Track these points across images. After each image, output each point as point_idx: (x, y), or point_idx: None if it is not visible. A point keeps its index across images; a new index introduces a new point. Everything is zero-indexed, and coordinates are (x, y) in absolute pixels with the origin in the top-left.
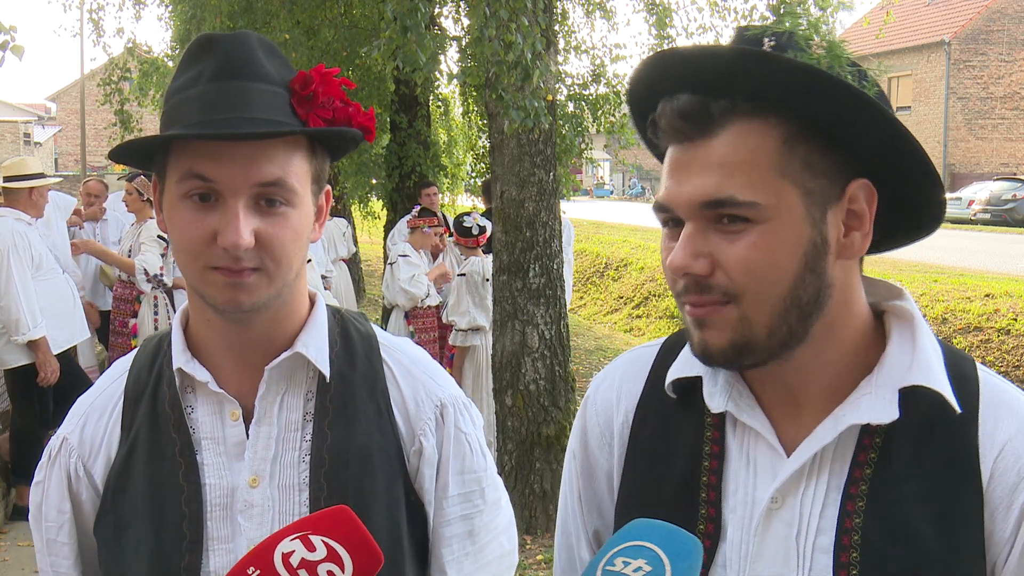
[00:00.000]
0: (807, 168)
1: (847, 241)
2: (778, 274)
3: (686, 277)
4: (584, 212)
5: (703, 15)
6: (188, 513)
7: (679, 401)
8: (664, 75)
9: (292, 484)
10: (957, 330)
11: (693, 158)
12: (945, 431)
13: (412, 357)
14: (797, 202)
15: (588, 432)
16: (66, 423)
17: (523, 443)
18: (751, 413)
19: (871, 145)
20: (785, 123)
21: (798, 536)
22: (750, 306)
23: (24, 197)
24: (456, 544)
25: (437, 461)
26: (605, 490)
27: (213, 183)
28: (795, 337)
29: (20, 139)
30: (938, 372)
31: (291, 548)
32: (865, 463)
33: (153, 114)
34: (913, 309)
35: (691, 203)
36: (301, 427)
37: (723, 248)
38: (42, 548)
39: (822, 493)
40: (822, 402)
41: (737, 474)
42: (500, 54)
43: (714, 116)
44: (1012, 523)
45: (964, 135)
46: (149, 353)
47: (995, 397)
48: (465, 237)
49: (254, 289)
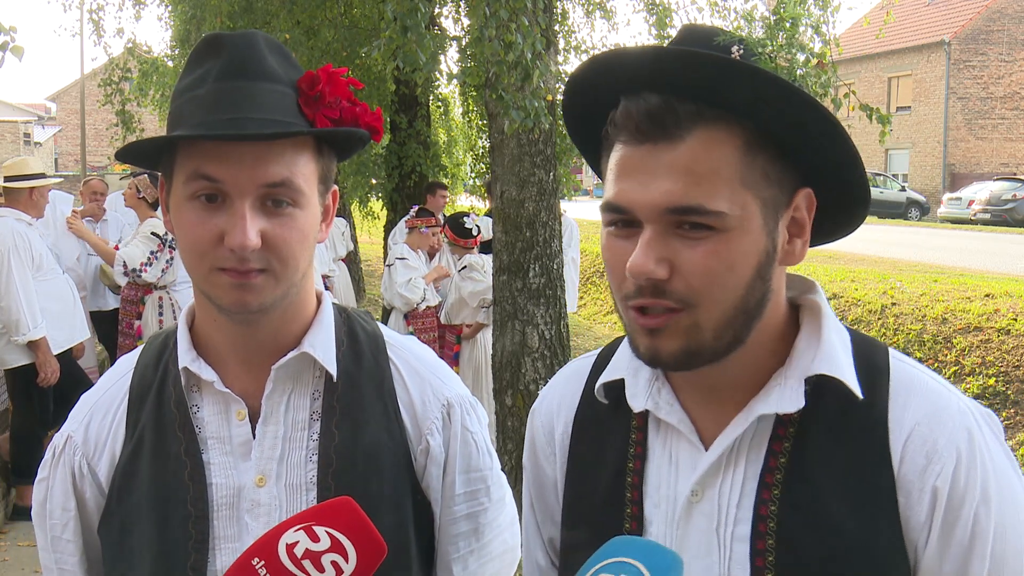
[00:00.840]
0: (765, 178)
1: (790, 248)
2: (734, 281)
3: (644, 281)
4: (584, 212)
5: (703, 15)
6: (194, 512)
7: (610, 406)
8: (629, 73)
9: (299, 483)
10: (957, 330)
11: (658, 161)
12: (856, 418)
13: (418, 356)
14: (756, 212)
15: (536, 444)
16: (70, 421)
17: (523, 443)
18: (669, 410)
19: (820, 156)
20: (744, 131)
21: (718, 527)
22: (703, 313)
23: (24, 197)
24: (462, 541)
25: (444, 460)
26: (554, 499)
27: (220, 183)
28: (738, 341)
29: (20, 139)
30: (841, 360)
31: (295, 539)
32: (780, 452)
33: (153, 114)
34: (821, 301)
35: (656, 207)
36: (308, 426)
37: (682, 253)
38: (46, 545)
39: (739, 484)
40: (739, 396)
41: (660, 470)
42: (500, 54)
43: (680, 119)
44: (926, 505)
45: (964, 135)
46: (154, 351)
47: (905, 383)
48: (465, 237)
49: (261, 290)
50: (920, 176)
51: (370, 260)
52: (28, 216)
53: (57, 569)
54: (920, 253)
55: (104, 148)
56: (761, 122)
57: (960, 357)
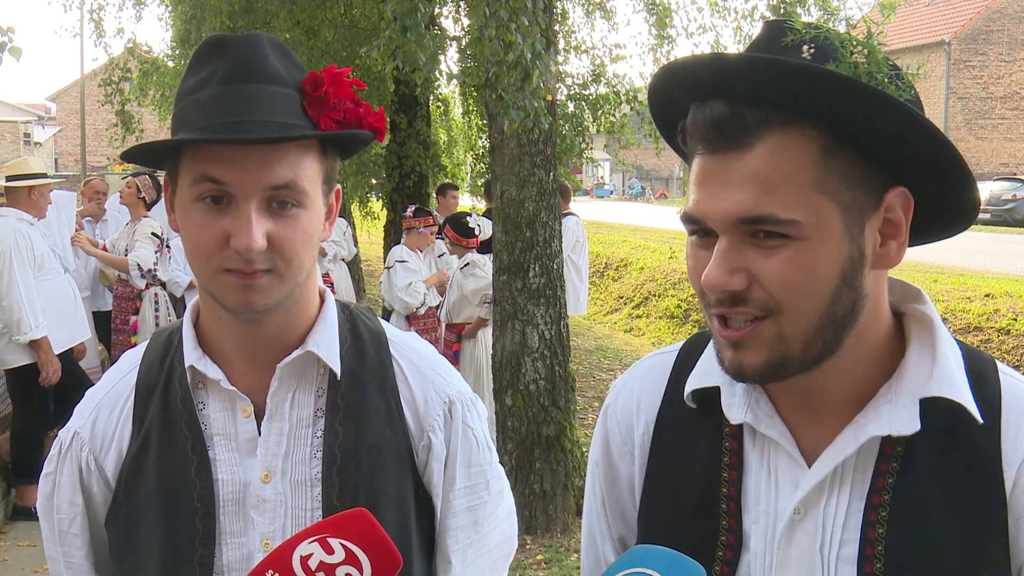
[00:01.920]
0: (844, 181)
1: (883, 251)
2: (816, 289)
3: (721, 294)
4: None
5: (703, 15)
6: (200, 508)
7: (698, 411)
8: (697, 80)
9: (304, 480)
10: (957, 330)
11: (728, 171)
12: (967, 440)
13: (420, 353)
14: (836, 218)
15: (610, 442)
16: (76, 417)
17: (523, 443)
18: (770, 423)
19: (908, 154)
20: (821, 135)
21: (822, 547)
22: (787, 322)
23: (24, 197)
24: (461, 534)
25: (445, 456)
26: (628, 498)
27: (225, 186)
28: (829, 351)
29: (20, 139)
30: (960, 383)
31: (309, 551)
32: (887, 473)
33: (153, 114)
34: (933, 314)
35: (728, 218)
36: (312, 423)
37: (759, 263)
38: (53, 538)
39: (844, 504)
40: (842, 410)
41: (758, 485)
42: (500, 54)
43: (749, 126)
44: None
45: (964, 135)
46: (159, 348)
47: (1018, 402)
48: (469, 237)
49: (266, 291)
50: None
51: (370, 260)
52: (29, 216)
53: (64, 562)
54: (920, 253)
55: (104, 148)
56: (835, 124)
57: None
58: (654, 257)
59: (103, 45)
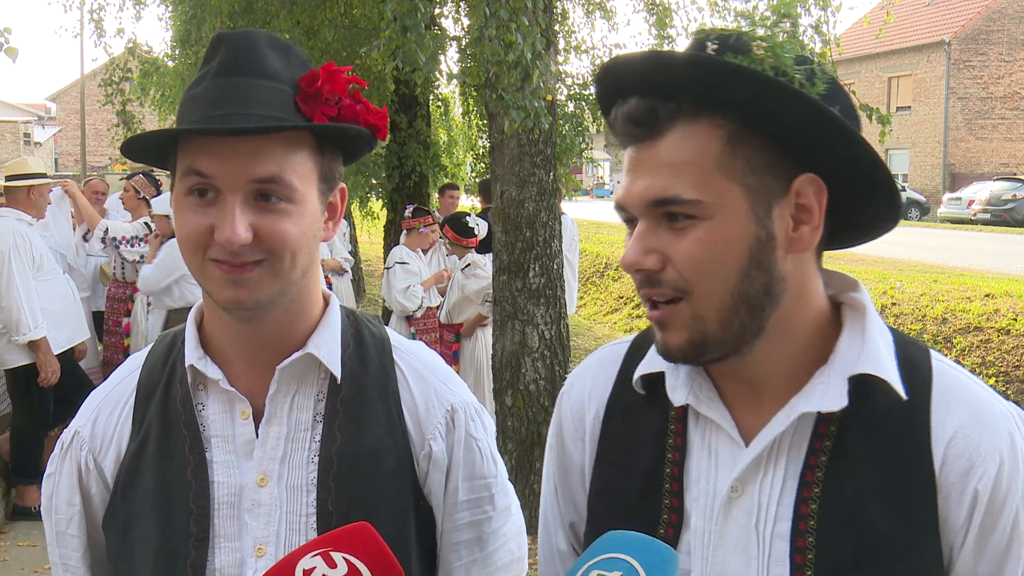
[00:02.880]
0: (749, 165)
1: (796, 235)
2: (723, 269)
3: (639, 273)
4: (584, 212)
5: (703, 15)
6: (195, 510)
7: (646, 397)
8: (617, 81)
9: (300, 485)
10: (957, 330)
11: (644, 158)
12: (898, 419)
13: (425, 361)
14: (740, 199)
15: (563, 428)
16: (79, 416)
17: (523, 443)
18: (710, 405)
19: (811, 141)
20: (728, 123)
21: (757, 523)
22: (699, 302)
23: (23, 197)
24: (464, 550)
25: (447, 466)
26: (579, 484)
27: (209, 179)
28: (748, 331)
29: (20, 139)
30: (886, 360)
31: (312, 564)
32: (820, 451)
33: (153, 114)
34: (865, 300)
35: (641, 201)
36: (311, 428)
37: (671, 244)
38: (52, 540)
39: (779, 481)
40: (780, 393)
41: (699, 465)
42: (500, 54)
43: (661, 118)
44: (965, 509)
45: (964, 135)
46: (163, 349)
47: (948, 385)
48: (468, 237)
49: (256, 285)
50: (920, 176)
51: (370, 260)
52: (28, 216)
53: (62, 564)
54: (920, 253)
55: (104, 148)
56: (736, 112)
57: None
58: None
59: (103, 45)
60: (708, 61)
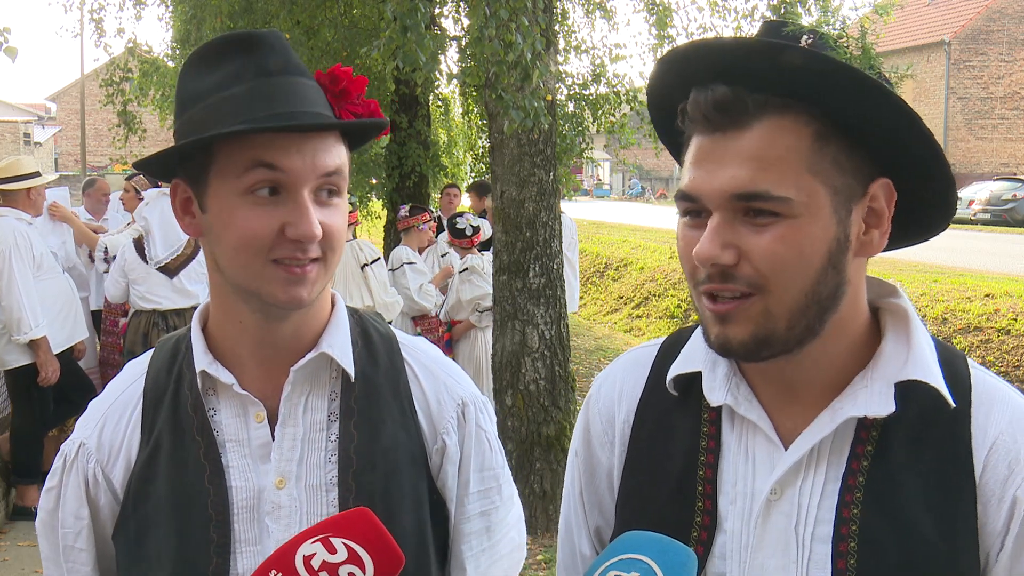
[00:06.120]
0: (836, 166)
1: (867, 239)
2: (803, 268)
3: (713, 267)
4: (584, 212)
5: (703, 15)
6: (215, 516)
7: (679, 398)
8: (698, 66)
9: (319, 484)
10: (957, 330)
11: (725, 149)
12: (939, 425)
13: (432, 357)
14: (826, 200)
15: (591, 431)
16: (81, 427)
17: (523, 443)
18: (748, 406)
19: (897, 147)
20: (816, 120)
21: (797, 526)
22: (773, 299)
23: (22, 197)
24: (475, 540)
25: (459, 459)
26: (606, 488)
27: (284, 173)
28: (812, 332)
29: (20, 139)
30: (933, 367)
31: (312, 551)
32: (862, 455)
33: (154, 114)
34: (908, 306)
35: (722, 194)
36: (326, 427)
37: (750, 240)
38: (54, 555)
39: (820, 484)
40: (819, 396)
41: (735, 467)
42: (500, 54)
43: (749, 108)
44: (1004, 515)
45: (964, 135)
46: (167, 355)
47: (987, 392)
48: (459, 238)
49: (313, 282)
50: None
51: None
52: (28, 215)
53: None
54: (920, 253)
55: (104, 148)
56: (829, 110)
57: None
58: (654, 257)
59: (103, 45)
60: (815, 56)
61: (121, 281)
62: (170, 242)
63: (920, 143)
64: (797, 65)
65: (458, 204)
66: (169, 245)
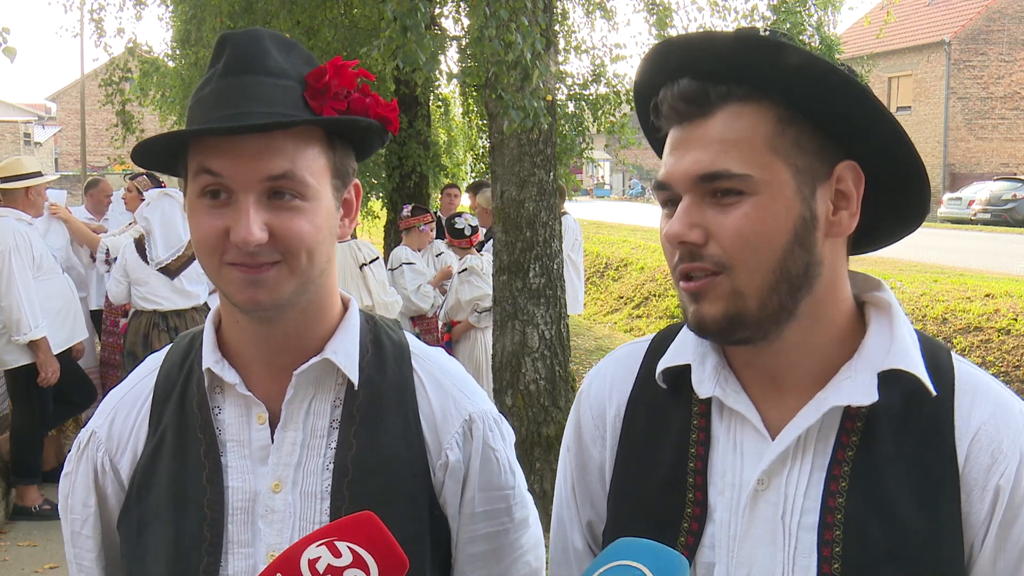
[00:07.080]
0: (797, 147)
1: (835, 219)
2: (768, 245)
3: (681, 246)
4: (584, 212)
5: (703, 15)
6: (209, 515)
7: (669, 391)
8: (667, 63)
9: (314, 492)
10: (957, 330)
11: (691, 136)
12: (923, 414)
13: (444, 369)
14: (788, 178)
15: (582, 426)
16: (96, 417)
17: (523, 443)
18: (736, 398)
19: (854, 127)
20: (776, 107)
21: (783, 516)
22: (741, 277)
23: (22, 197)
24: (480, 562)
25: (463, 475)
26: (597, 483)
27: (221, 178)
28: (785, 311)
29: (20, 139)
30: (915, 357)
31: (317, 554)
32: (848, 446)
33: (153, 114)
34: (891, 299)
35: (688, 177)
36: (327, 434)
37: (717, 219)
38: (68, 539)
39: (806, 474)
40: (805, 387)
41: (724, 458)
42: (500, 54)
43: (712, 99)
44: (987, 504)
45: (964, 135)
46: (181, 351)
47: (969, 383)
48: (457, 238)
49: (274, 285)
50: None
51: None
52: (28, 216)
53: (76, 564)
54: (920, 253)
55: (104, 148)
56: (788, 96)
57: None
58: (654, 257)
59: (103, 45)
60: (773, 45)
61: (123, 282)
62: (171, 243)
63: (880, 122)
64: (756, 57)
65: (458, 204)
66: (170, 246)
